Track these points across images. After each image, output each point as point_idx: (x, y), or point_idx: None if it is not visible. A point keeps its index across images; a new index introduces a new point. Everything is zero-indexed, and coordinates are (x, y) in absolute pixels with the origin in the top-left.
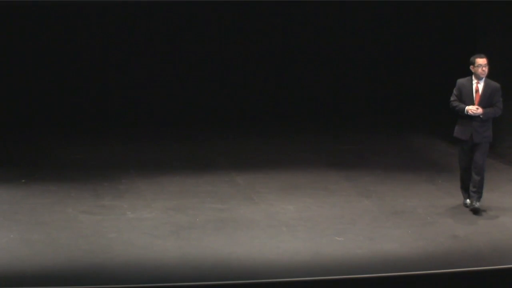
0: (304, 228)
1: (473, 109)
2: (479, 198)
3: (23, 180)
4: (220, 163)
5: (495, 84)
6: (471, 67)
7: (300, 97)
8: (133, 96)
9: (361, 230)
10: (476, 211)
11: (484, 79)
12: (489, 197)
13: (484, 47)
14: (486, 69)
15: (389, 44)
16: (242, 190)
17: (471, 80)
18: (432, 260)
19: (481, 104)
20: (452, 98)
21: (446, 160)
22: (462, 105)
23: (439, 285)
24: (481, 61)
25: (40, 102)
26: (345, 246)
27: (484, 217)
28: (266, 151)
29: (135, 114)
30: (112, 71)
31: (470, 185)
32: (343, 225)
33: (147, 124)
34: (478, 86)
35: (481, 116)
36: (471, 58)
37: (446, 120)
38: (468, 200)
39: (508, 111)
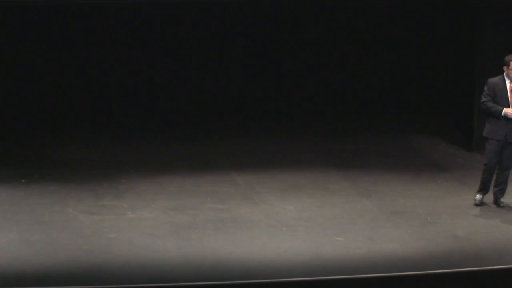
0: (304, 228)
1: (511, 112)
2: (503, 193)
3: (23, 180)
4: (220, 163)
5: None
6: (504, 67)
7: (300, 97)
8: (133, 96)
9: (361, 230)
10: (503, 205)
11: None
12: (489, 197)
13: (484, 47)
14: None
15: (389, 44)
16: (242, 190)
17: (504, 80)
18: (432, 260)
19: None
20: (485, 99)
21: (446, 160)
22: (498, 107)
23: (439, 285)
24: None
25: (40, 102)
26: (345, 246)
27: (484, 217)
28: (266, 151)
29: (135, 114)
30: (112, 71)
31: (495, 186)
32: (343, 225)
33: (147, 124)
34: None
35: None
36: (506, 59)
37: (446, 120)
38: (478, 196)
39: None
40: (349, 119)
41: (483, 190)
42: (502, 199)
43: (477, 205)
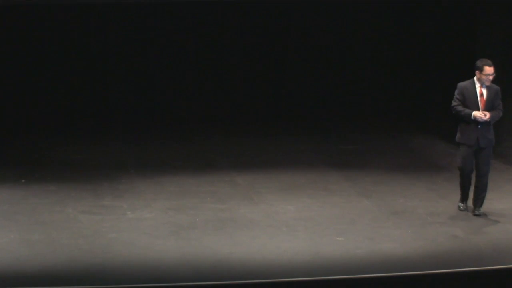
0: (304, 228)
1: (481, 115)
2: (482, 204)
3: (23, 180)
4: (220, 163)
5: (496, 87)
6: (477, 72)
7: (300, 97)
8: (133, 96)
9: (361, 230)
10: (479, 215)
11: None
12: (489, 197)
13: (484, 47)
14: (492, 78)
15: (389, 44)
16: (242, 190)
17: (474, 84)
18: (432, 260)
19: (486, 108)
20: (455, 103)
21: (446, 160)
22: (468, 110)
23: (439, 285)
24: (489, 70)
25: (40, 102)
26: (345, 246)
27: (484, 217)
28: (266, 151)
29: (135, 113)
30: (112, 71)
31: (474, 193)
32: (343, 225)
33: (147, 124)
34: (482, 90)
35: (489, 121)
36: (479, 64)
37: (446, 120)
38: (462, 205)
39: (508, 111)
40: (349, 119)
41: (465, 198)
42: (479, 208)
43: (461, 210)
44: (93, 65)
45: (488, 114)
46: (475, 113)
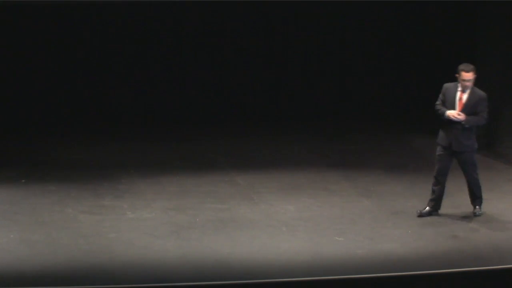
0: (304, 228)
1: (454, 113)
2: (480, 204)
3: (23, 180)
4: (220, 163)
5: (481, 93)
6: (456, 75)
7: (300, 97)
8: (133, 96)
9: (361, 230)
10: (479, 215)
11: (470, 87)
12: (489, 197)
13: (484, 47)
14: (470, 84)
15: (389, 44)
16: (242, 190)
17: (457, 86)
18: (432, 260)
19: (463, 112)
20: (437, 102)
21: None
22: (443, 109)
23: (439, 285)
24: (465, 75)
25: (40, 102)
26: (345, 246)
27: (484, 217)
28: (266, 151)
29: (135, 114)
30: (112, 71)
31: (469, 194)
32: (343, 225)
33: (147, 124)
34: (463, 94)
35: (462, 123)
36: (459, 67)
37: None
38: (427, 209)
39: (508, 112)
40: (349, 119)
41: (431, 207)
42: (479, 208)
43: (418, 216)
44: (93, 65)
45: (462, 115)
46: (448, 112)
